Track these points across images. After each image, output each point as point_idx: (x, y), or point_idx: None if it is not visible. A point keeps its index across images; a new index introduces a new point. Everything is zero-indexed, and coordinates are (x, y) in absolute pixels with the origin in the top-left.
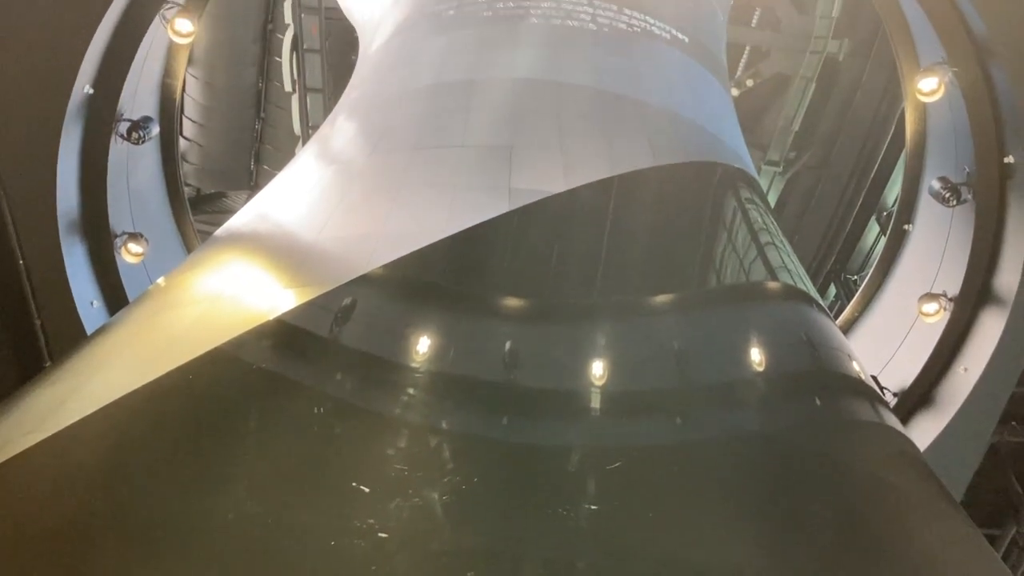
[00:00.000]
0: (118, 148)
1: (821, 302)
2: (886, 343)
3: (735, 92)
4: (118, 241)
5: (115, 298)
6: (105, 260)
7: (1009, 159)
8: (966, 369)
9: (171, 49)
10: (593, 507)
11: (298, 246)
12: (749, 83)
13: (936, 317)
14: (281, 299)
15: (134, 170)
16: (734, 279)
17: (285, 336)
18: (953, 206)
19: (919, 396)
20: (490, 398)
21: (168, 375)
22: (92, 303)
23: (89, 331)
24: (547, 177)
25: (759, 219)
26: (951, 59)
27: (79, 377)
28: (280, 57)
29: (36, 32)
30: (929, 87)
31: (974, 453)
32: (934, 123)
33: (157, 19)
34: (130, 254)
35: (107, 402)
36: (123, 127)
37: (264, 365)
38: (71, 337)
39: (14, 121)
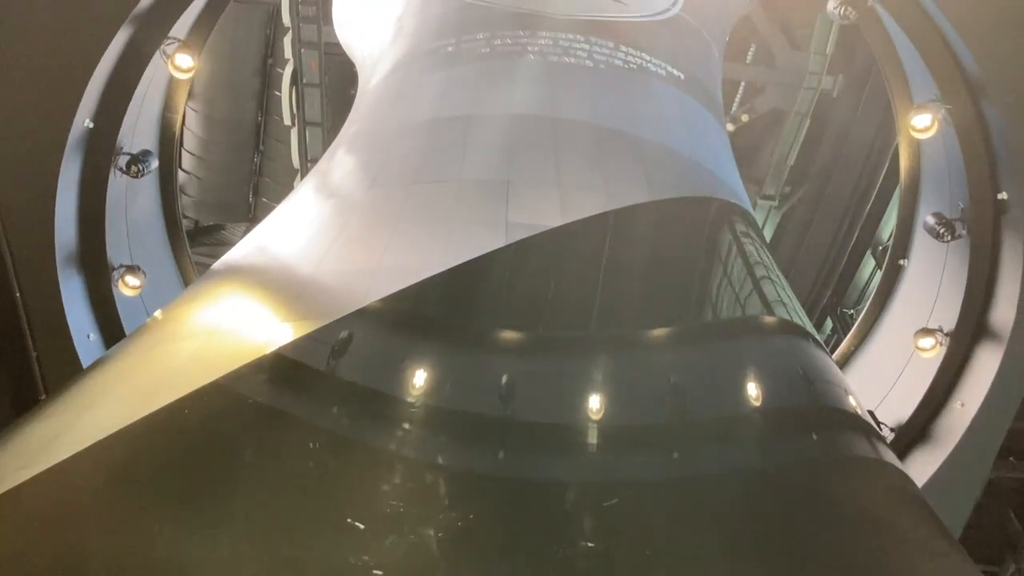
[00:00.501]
0: (117, 181)
1: (817, 337)
2: (883, 378)
3: (730, 127)
4: (115, 274)
5: (112, 331)
6: (102, 293)
7: (1003, 195)
8: (963, 404)
9: (171, 84)
10: (589, 544)
11: (295, 279)
12: (744, 118)
13: (932, 352)
14: (278, 333)
15: (132, 203)
16: (730, 314)
17: (282, 370)
18: (948, 241)
19: (916, 431)
20: (487, 433)
21: (164, 409)
22: (88, 336)
23: (85, 364)
24: (544, 211)
25: (755, 253)
26: (944, 96)
27: (74, 411)
28: (280, 91)
29: (38, 66)
30: (923, 124)
31: (972, 489)
32: (928, 159)
33: (158, 54)
34: (127, 287)
35: (101, 437)
36: (122, 161)
37: (260, 399)
38: (67, 370)
39: (14, 154)
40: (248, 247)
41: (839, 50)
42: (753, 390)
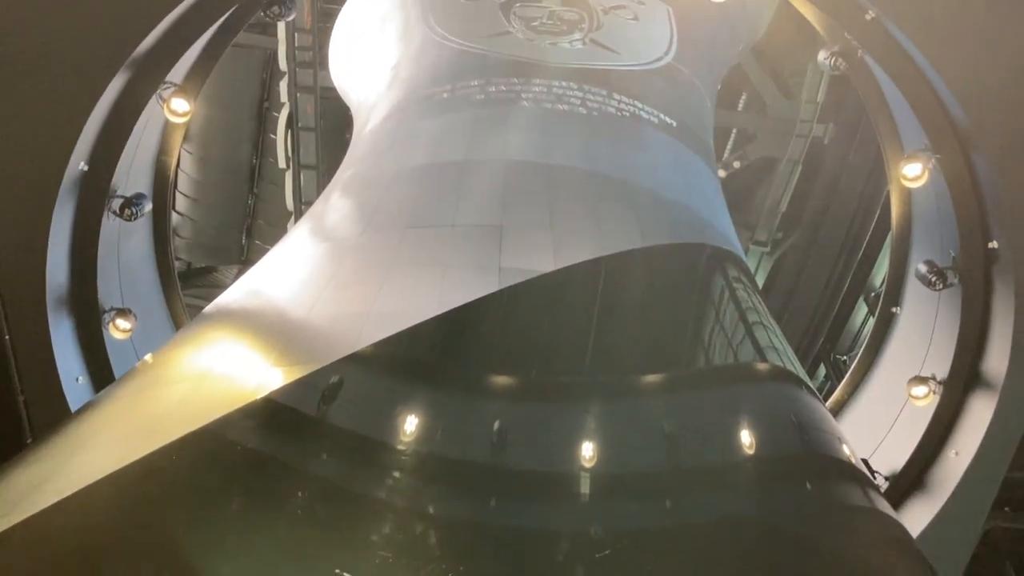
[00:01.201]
0: (110, 224)
1: (810, 384)
2: (876, 426)
3: (723, 173)
4: (106, 316)
5: (101, 374)
6: (92, 336)
7: (993, 244)
8: (957, 453)
9: (167, 127)
10: None
11: (287, 323)
12: (736, 165)
13: (926, 400)
14: (269, 378)
15: (125, 245)
16: (723, 360)
17: (272, 416)
18: (940, 289)
19: (911, 481)
20: (478, 480)
21: (152, 455)
22: (77, 379)
23: (74, 408)
24: (537, 257)
25: (747, 299)
26: (934, 146)
27: (60, 456)
28: (275, 134)
29: (33, 109)
30: (913, 173)
31: (968, 539)
32: (919, 207)
33: (154, 98)
34: (118, 330)
35: (87, 483)
36: (116, 203)
37: (250, 445)
38: (55, 414)
39: (7, 196)
40: (240, 290)
41: (830, 98)
42: (746, 438)
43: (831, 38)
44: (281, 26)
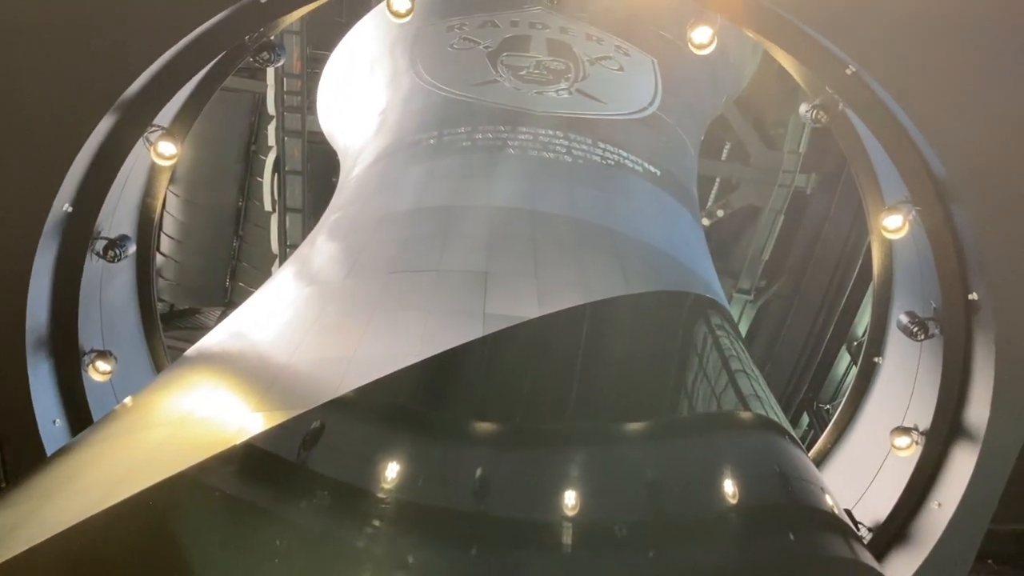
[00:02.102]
0: (93, 265)
1: (793, 433)
2: (859, 476)
3: (706, 222)
4: (86, 358)
5: (79, 417)
6: (71, 378)
7: (973, 296)
8: (940, 505)
9: (153, 169)
10: None
11: (269, 368)
12: (720, 213)
13: (908, 451)
14: (249, 422)
15: (107, 287)
16: (706, 409)
17: (252, 461)
18: (922, 340)
19: (894, 532)
20: (459, 529)
21: (128, 500)
22: (55, 422)
23: (49, 452)
24: (522, 303)
25: (730, 348)
26: (914, 198)
27: (35, 501)
28: (262, 177)
29: (19, 150)
30: (894, 224)
31: None
32: (900, 258)
33: (141, 141)
34: (98, 372)
35: (60, 529)
36: (99, 245)
37: (229, 491)
38: (31, 458)
39: None
40: (223, 334)
41: (812, 149)
42: (729, 488)
43: (812, 91)
44: (270, 71)
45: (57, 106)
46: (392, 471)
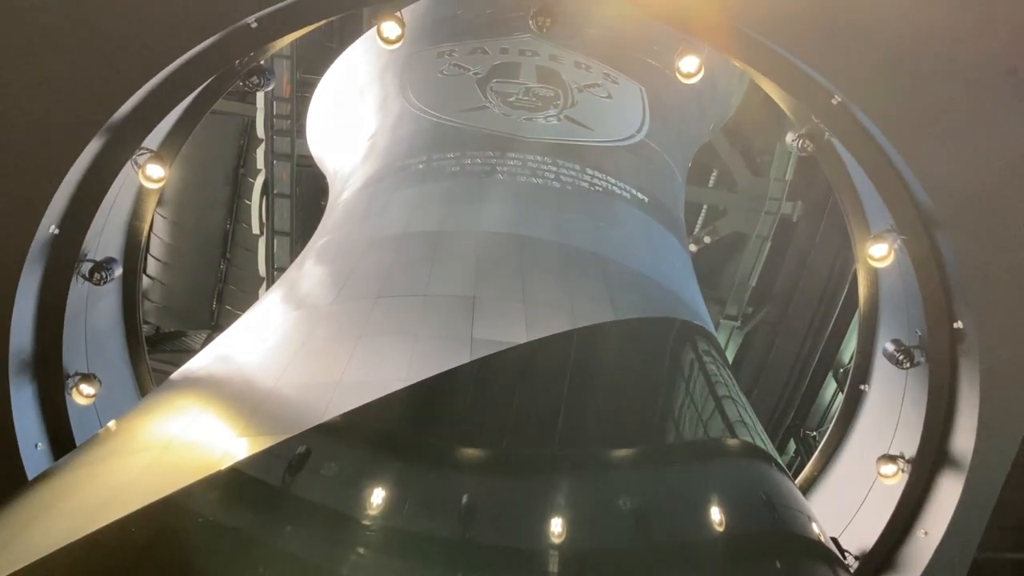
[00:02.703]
0: (78, 288)
1: (779, 460)
2: (846, 504)
3: (693, 248)
4: (70, 382)
5: (62, 441)
6: (54, 401)
7: (958, 324)
8: (926, 533)
9: (141, 192)
10: None
11: (255, 392)
12: (707, 240)
13: (895, 479)
14: (234, 447)
15: (93, 310)
16: (693, 436)
17: (237, 486)
18: (907, 368)
19: (881, 560)
20: (445, 556)
21: (111, 526)
22: (36, 446)
23: (31, 476)
24: (509, 328)
25: (717, 374)
26: (899, 227)
27: (15, 526)
28: (250, 200)
29: (5, 171)
30: (879, 253)
31: None
32: (886, 286)
33: (129, 163)
34: (81, 395)
35: (42, 555)
36: (85, 267)
37: (214, 517)
38: (11, 482)
39: None
40: (209, 357)
41: (798, 177)
42: (716, 516)
43: (798, 120)
44: (260, 94)
45: (45, 127)
46: (378, 497)
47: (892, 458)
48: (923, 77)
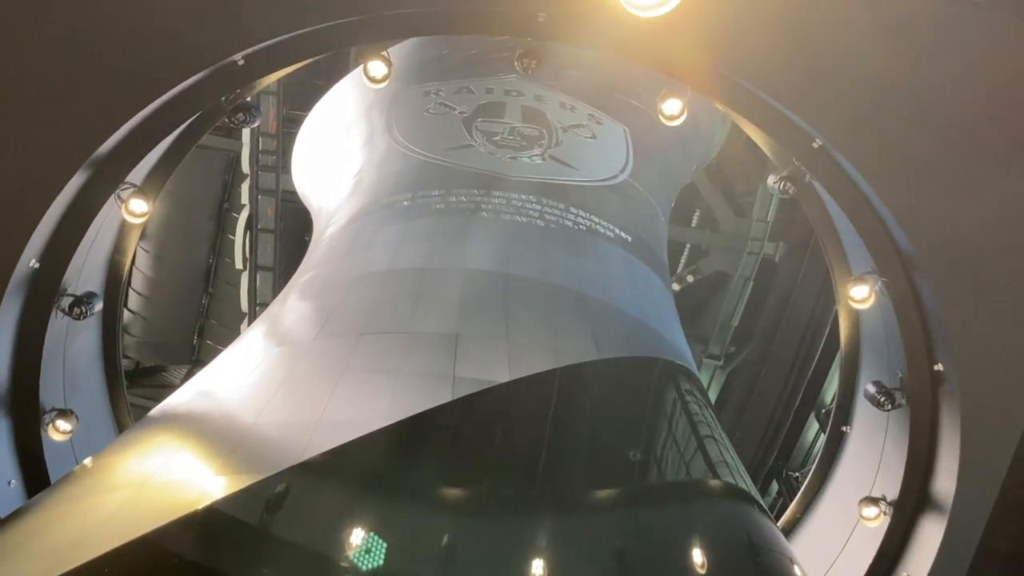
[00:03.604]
0: (57, 322)
1: (761, 502)
2: (828, 546)
3: (676, 287)
4: (46, 417)
5: (36, 479)
6: (29, 437)
7: (939, 367)
8: None
9: (123, 226)
10: None
11: (234, 430)
12: (690, 279)
13: (876, 522)
14: (211, 486)
15: (72, 344)
16: (675, 476)
17: (213, 526)
18: (889, 410)
19: None
20: None
21: (84, 567)
22: (10, 483)
23: (3, 514)
24: (492, 367)
25: (699, 414)
26: (880, 269)
27: None
28: (234, 235)
29: None
30: (861, 295)
31: None
32: (867, 328)
33: (112, 198)
34: (57, 431)
35: None
36: (65, 302)
37: (189, 557)
38: None
39: None
40: (189, 393)
41: (780, 218)
42: (698, 558)
43: (780, 163)
44: (246, 130)
45: (28, 161)
46: (357, 538)
47: (874, 500)
48: (903, 122)
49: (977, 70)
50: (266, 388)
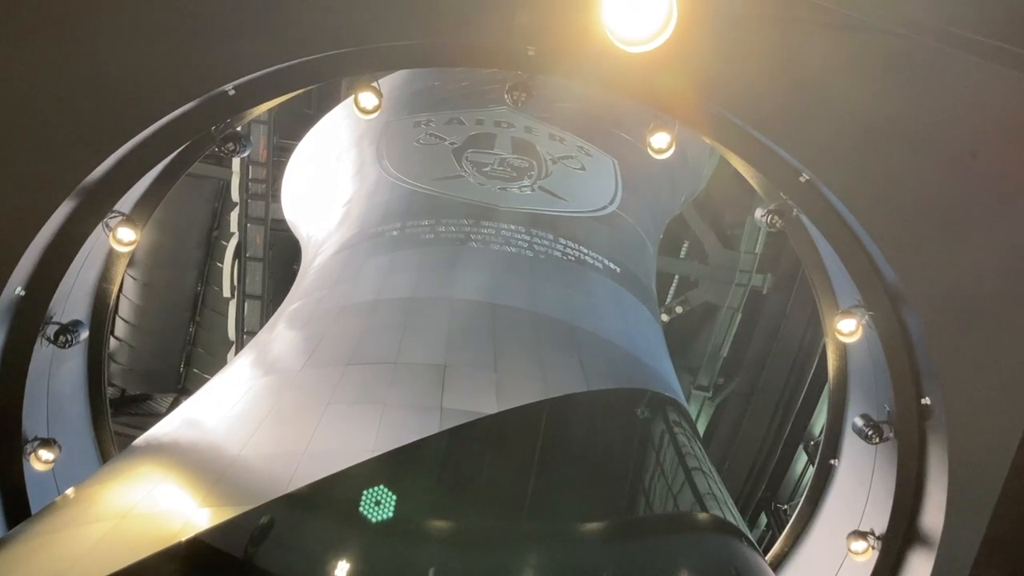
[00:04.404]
0: (42, 350)
1: (749, 535)
2: None
3: (665, 318)
4: (28, 447)
5: (16, 509)
6: (10, 466)
7: (926, 400)
8: None
9: (111, 254)
10: None
11: (219, 460)
12: (679, 310)
13: (865, 556)
14: (194, 518)
15: (56, 372)
16: (662, 509)
17: (196, 559)
18: (876, 443)
19: None
20: None
21: None
22: None
23: None
24: (480, 398)
25: (687, 446)
26: (867, 303)
27: None
28: (222, 263)
29: None
30: (848, 328)
31: None
32: (854, 361)
33: (100, 226)
34: (39, 461)
35: None
36: (51, 330)
37: None
38: None
39: None
40: (174, 422)
41: (768, 250)
42: None
43: (767, 196)
44: (236, 159)
45: (16, 188)
46: (342, 571)
47: (862, 534)
48: (890, 157)
49: (961, 110)
50: (252, 418)
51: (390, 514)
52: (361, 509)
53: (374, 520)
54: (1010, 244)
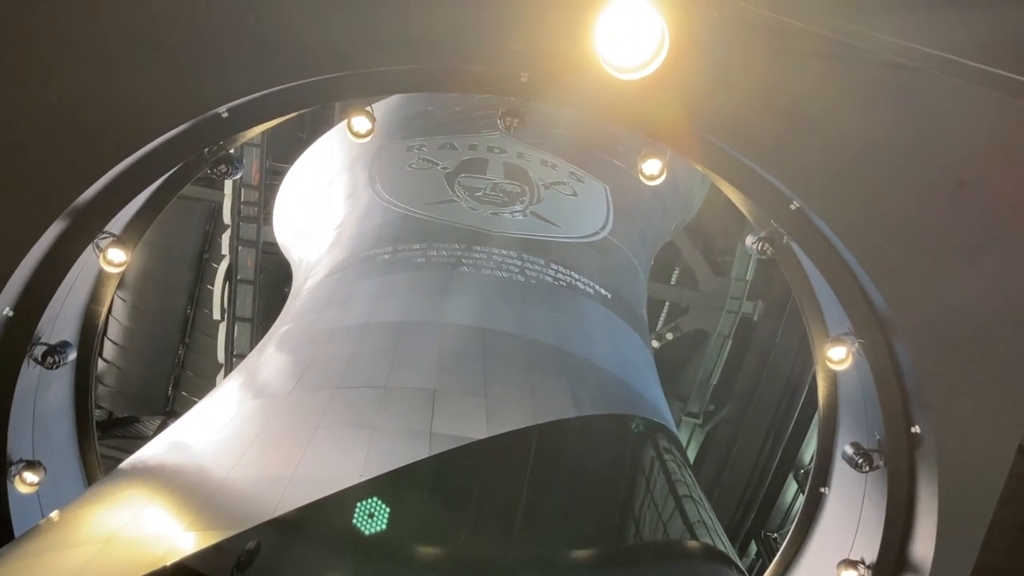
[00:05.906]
0: (29, 372)
1: (740, 563)
2: None
3: (656, 344)
4: (13, 469)
5: None
6: None
7: (916, 429)
8: None
9: (101, 276)
10: None
11: (206, 484)
12: (669, 336)
13: None
14: (179, 542)
15: (43, 394)
16: (652, 537)
17: None
18: (867, 472)
19: None
20: None
21: None
22: None
23: None
24: (470, 423)
25: (677, 473)
26: (857, 331)
27: None
28: (212, 285)
29: None
30: (838, 356)
31: None
32: (845, 389)
33: (90, 247)
34: (24, 483)
35: None
36: (38, 351)
37: None
38: None
39: None
40: (161, 445)
41: (759, 277)
42: None
43: (758, 224)
44: (228, 180)
45: (6, 208)
46: None
47: (853, 563)
48: (879, 186)
49: (948, 139)
50: (240, 441)
51: (378, 539)
52: (349, 534)
53: (362, 545)
54: (999, 272)
